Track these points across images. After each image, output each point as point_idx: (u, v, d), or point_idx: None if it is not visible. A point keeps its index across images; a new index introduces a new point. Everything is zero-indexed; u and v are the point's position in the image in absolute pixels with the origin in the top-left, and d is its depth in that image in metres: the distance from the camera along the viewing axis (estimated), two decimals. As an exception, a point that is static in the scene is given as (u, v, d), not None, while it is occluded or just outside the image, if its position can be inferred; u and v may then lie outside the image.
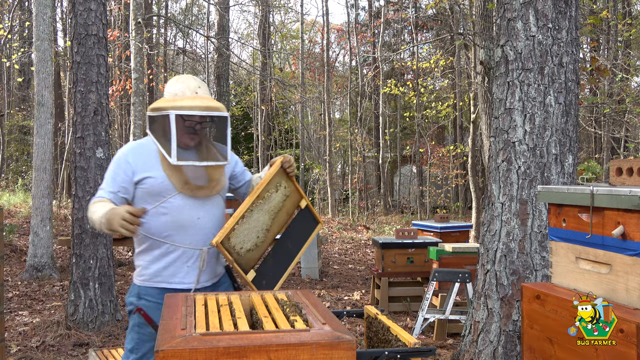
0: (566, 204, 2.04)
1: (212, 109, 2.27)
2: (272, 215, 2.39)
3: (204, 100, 2.28)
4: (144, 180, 2.29)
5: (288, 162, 2.48)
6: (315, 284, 7.24)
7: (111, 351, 3.55)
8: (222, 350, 1.37)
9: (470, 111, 12.21)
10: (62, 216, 11.98)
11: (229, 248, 2.23)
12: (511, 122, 3.49)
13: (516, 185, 3.44)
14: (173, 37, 24.35)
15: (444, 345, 4.68)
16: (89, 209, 2.29)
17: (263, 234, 2.35)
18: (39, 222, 6.95)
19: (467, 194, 18.49)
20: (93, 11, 4.92)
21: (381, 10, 20.04)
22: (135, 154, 2.33)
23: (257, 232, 2.32)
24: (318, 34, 24.28)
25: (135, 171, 2.30)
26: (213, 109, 2.27)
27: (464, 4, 12.39)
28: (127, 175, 2.29)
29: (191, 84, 2.34)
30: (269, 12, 20.30)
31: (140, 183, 2.30)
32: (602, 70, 6.46)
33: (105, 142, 4.99)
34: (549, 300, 2.02)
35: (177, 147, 2.23)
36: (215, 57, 12.03)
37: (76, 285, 4.81)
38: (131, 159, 2.31)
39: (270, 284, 2.40)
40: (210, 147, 2.42)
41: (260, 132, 19.15)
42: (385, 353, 1.57)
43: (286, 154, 2.53)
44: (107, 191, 2.29)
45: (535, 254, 3.38)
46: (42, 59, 7.13)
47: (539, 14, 3.44)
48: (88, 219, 2.41)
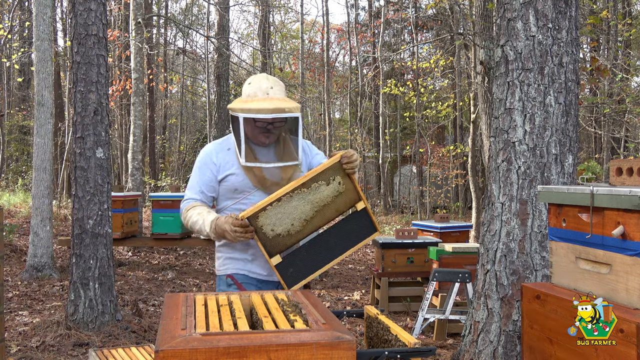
0: (566, 204, 2.04)
1: (279, 111, 2.27)
2: (315, 207, 2.28)
3: (274, 101, 2.29)
4: (227, 177, 2.41)
5: (347, 157, 2.33)
6: (315, 284, 7.24)
7: (111, 351, 3.55)
8: (222, 350, 1.37)
9: (470, 111, 12.21)
10: (62, 216, 11.98)
11: (256, 226, 2.20)
12: (511, 122, 3.49)
13: (516, 185, 3.44)
14: (173, 37, 24.37)
15: (444, 345, 4.68)
16: (186, 215, 2.42)
17: (300, 223, 2.27)
18: (39, 222, 6.95)
19: (467, 194, 18.48)
20: (93, 11, 4.91)
21: (381, 10, 20.03)
22: (219, 153, 2.45)
23: (292, 220, 2.25)
24: (318, 34, 24.29)
25: (219, 169, 2.42)
26: (280, 110, 2.27)
27: (464, 4, 12.39)
28: (212, 174, 2.42)
29: (263, 85, 2.37)
30: (269, 12, 20.30)
31: (223, 180, 2.42)
32: (602, 70, 6.46)
33: (105, 142, 4.99)
34: (549, 300, 2.02)
35: (252, 146, 2.34)
36: (215, 57, 12.03)
37: (76, 285, 4.81)
38: (215, 158, 2.44)
39: (298, 276, 2.32)
40: (288, 144, 2.42)
41: (260, 132, 19.11)
42: (385, 353, 1.58)
43: (350, 149, 2.36)
44: (197, 191, 2.43)
45: (535, 254, 3.38)
46: (42, 59, 7.13)
47: (539, 14, 3.44)
48: (186, 223, 2.47)
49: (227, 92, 13.52)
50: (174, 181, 18.82)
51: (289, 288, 2.28)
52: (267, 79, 2.40)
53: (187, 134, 24.14)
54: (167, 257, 8.89)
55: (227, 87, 13.50)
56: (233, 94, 22.33)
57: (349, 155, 2.32)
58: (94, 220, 4.85)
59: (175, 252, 9.37)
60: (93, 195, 4.86)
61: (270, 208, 2.21)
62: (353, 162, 2.32)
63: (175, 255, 9.13)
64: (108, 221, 4.96)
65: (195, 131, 24.64)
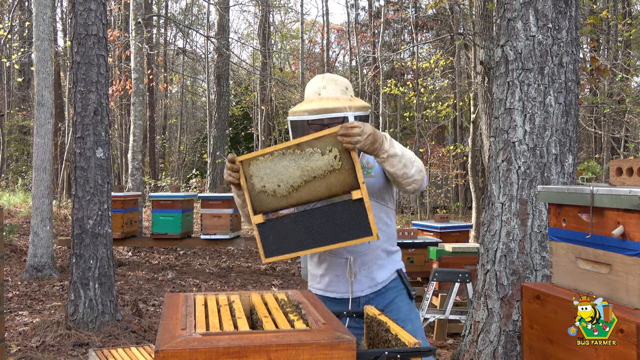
0: (566, 204, 2.04)
1: (321, 112, 2.11)
2: (304, 176, 2.06)
3: (321, 102, 2.14)
4: None
5: (345, 129, 1.93)
6: (315, 284, 7.24)
7: (111, 351, 3.55)
8: (222, 350, 1.37)
9: (470, 111, 12.21)
10: (62, 216, 11.99)
11: (246, 174, 2.13)
12: (511, 122, 3.49)
13: (516, 185, 3.45)
14: (173, 37, 24.38)
15: (444, 345, 4.68)
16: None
17: (286, 188, 2.09)
18: (39, 222, 6.95)
19: (467, 194, 18.49)
20: (93, 11, 4.92)
21: (381, 10, 20.04)
22: None
23: (279, 180, 2.09)
24: (318, 34, 24.30)
25: None
26: (322, 111, 2.11)
27: (464, 4, 12.39)
28: None
29: (316, 85, 2.24)
30: (269, 12, 20.30)
31: None
32: (602, 70, 6.46)
33: (105, 142, 4.99)
34: (549, 300, 2.02)
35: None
36: (215, 57, 12.03)
37: (76, 285, 4.81)
38: None
39: (275, 248, 2.17)
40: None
41: (260, 132, 19.15)
42: (385, 353, 1.57)
43: (357, 122, 1.97)
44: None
45: (535, 254, 3.38)
46: (42, 59, 7.14)
47: (539, 14, 3.44)
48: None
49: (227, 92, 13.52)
50: (174, 181, 18.83)
51: (266, 258, 2.18)
52: (322, 79, 2.24)
53: (187, 134, 24.16)
54: (167, 257, 8.89)
55: (227, 87, 13.51)
56: (233, 94, 22.37)
57: (348, 127, 1.93)
58: (94, 220, 4.86)
59: (175, 252, 9.37)
60: (93, 195, 4.87)
61: (262, 159, 2.10)
62: (352, 136, 1.92)
63: (175, 255, 9.13)
64: (108, 221, 4.96)
65: (195, 131, 24.66)
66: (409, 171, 2.08)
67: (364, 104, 2.20)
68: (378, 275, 2.28)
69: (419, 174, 2.12)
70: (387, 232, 2.31)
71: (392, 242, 2.37)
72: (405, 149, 2.11)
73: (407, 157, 2.08)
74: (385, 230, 2.28)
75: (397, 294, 2.31)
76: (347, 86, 2.25)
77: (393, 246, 2.37)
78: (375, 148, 2.00)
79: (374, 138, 1.98)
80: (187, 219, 7.77)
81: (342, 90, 2.21)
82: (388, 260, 2.32)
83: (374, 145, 1.99)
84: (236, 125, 21.65)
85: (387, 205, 2.32)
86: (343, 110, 2.10)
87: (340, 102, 2.12)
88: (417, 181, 2.12)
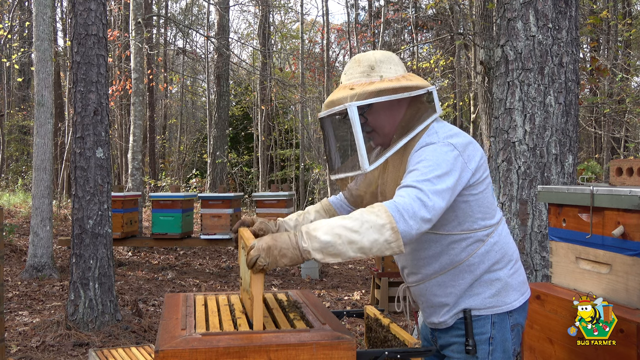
0: (566, 204, 2.04)
1: (326, 107, 1.80)
2: (246, 273, 1.73)
3: (333, 93, 1.78)
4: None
5: (248, 257, 1.53)
6: (315, 284, 7.24)
7: (111, 351, 3.55)
8: (222, 351, 1.37)
9: (470, 111, 12.21)
10: (62, 216, 11.99)
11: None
12: (511, 122, 3.49)
13: (516, 185, 3.45)
14: (173, 37, 24.37)
15: (444, 345, 4.67)
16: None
17: (244, 280, 1.83)
18: (39, 222, 6.95)
19: (467, 194, 18.44)
20: (93, 11, 4.92)
21: (381, 10, 20.04)
22: None
23: (242, 273, 1.87)
24: (318, 34, 24.29)
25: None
26: (328, 105, 1.79)
27: (464, 4, 12.39)
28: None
29: (345, 73, 1.83)
30: (269, 12, 20.30)
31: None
32: (602, 70, 6.47)
33: (105, 142, 4.99)
34: (549, 300, 2.01)
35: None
36: (215, 57, 12.03)
37: (76, 285, 4.81)
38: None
39: None
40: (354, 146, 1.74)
41: (260, 132, 19.15)
42: (385, 353, 1.57)
43: (252, 241, 1.55)
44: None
45: (535, 254, 3.38)
46: (42, 59, 7.14)
47: (539, 14, 3.44)
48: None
49: (227, 92, 13.52)
50: (174, 181, 18.83)
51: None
52: (350, 62, 1.82)
53: (187, 134, 24.15)
54: (167, 257, 8.89)
55: (227, 87, 13.51)
56: (233, 94, 22.36)
57: (247, 251, 1.53)
58: (94, 220, 4.86)
59: (175, 252, 9.37)
60: (93, 195, 4.87)
61: (242, 251, 1.79)
62: (250, 260, 1.51)
63: (175, 255, 9.13)
64: (108, 221, 4.96)
65: (195, 131, 24.65)
66: (363, 245, 1.51)
67: (384, 86, 1.71)
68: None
69: (385, 234, 1.51)
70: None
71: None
72: (350, 219, 1.54)
73: (346, 233, 1.51)
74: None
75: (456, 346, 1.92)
76: (375, 64, 1.77)
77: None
78: (291, 256, 1.51)
79: (276, 247, 1.50)
80: (187, 219, 7.77)
81: (364, 71, 1.77)
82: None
83: (283, 254, 1.51)
84: (236, 125, 21.64)
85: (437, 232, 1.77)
86: (341, 102, 1.72)
87: (342, 92, 1.74)
88: (390, 244, 1.52)
